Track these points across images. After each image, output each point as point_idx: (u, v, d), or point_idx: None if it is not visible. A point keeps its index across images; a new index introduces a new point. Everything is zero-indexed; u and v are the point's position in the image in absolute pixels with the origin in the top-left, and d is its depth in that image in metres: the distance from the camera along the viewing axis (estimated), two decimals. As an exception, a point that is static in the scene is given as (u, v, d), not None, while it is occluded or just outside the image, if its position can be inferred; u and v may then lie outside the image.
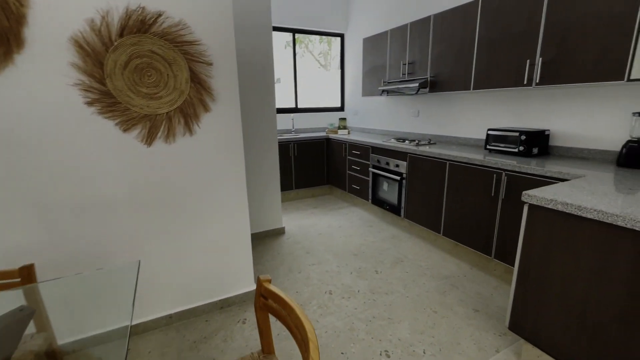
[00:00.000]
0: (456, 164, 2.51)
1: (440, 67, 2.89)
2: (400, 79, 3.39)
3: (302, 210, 4.01)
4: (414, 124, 3.76)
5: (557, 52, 2.03)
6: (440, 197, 2.71)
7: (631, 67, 1.72)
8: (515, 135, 2.38)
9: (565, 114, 2.32)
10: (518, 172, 2.07)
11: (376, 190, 3.57)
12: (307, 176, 4.40)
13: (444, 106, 3.32)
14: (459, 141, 3.18)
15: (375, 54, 3.76)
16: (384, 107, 4.22)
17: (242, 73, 2.74)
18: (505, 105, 2.71)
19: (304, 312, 0.76)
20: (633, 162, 1.90)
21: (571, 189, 1.45)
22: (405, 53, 3.29)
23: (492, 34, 2.41)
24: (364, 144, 3.67)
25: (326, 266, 2.58)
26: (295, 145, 4.19)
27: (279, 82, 5.06)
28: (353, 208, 4.03)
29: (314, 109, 4.89)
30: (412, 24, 3.15)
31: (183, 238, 1.84)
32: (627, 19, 1.71)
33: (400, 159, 3.13)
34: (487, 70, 2.48)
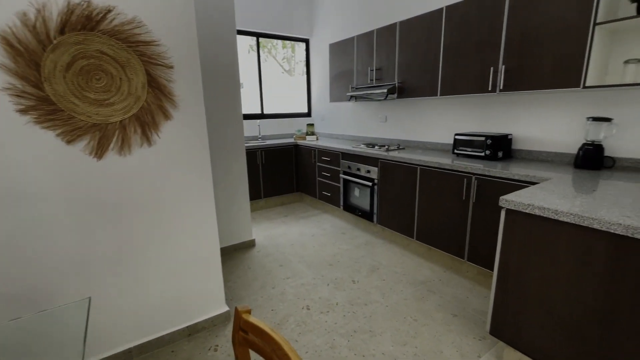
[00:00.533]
0: (427, 169, 2.54)
1: (407, 73, 2.93)
2: (368, 84, 3.40)
3: (272, 219, 3.86)
4: (382, 129, 3.79)
5: (518, 60, 2.12)
6: (412, 202, 2.72)
7: (586, 76, 1.83)
8: (481, 139, 2.45)
9: (526, 119, 2.43)
10: (487, 176, 2.13)
11: (347, 196, 3.54)
12: (275, 184, 4.26)
13: (411, 112, 3.38)
14: (427, 146, 3.24)
15: (342, 59, 3.75)
16: (352, 112, 4.22)
17: (206, 77, 2.56)
18: (471, 110, 2.80)
19: (294, 349, 0.66)
20: (588, 163, 2.02)
21: (543, 193, 1.48)
22: (372, 59, 3.30)
23: (457, 42, 2.47)
24: (333, 150, 3.62)
25: (301, 279, 2.47)
26: (262, 153, 4.04)
27: (242, 87, 4.89)
28: (325, 215, 3.96)
29: (280, 115, 4.77)
30: (378, 31, 3.17)
31: (142, 261, 1.64)
32: (580, 31, 1.82)
33: (372, 165, 3.11)
34: (453, 76, 2.54)
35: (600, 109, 2.04)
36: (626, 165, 1.99)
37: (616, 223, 1.11)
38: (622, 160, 2.00)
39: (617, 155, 2.02)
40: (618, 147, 2.01)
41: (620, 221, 1.11)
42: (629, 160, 1.98)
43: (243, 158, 2.89)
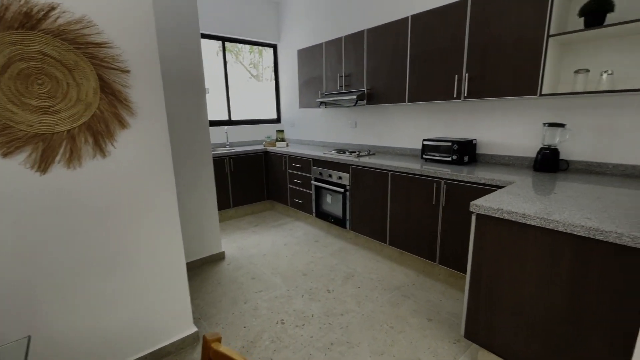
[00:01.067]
0: (398, 174, 2.57)
1: (376, 79, 2.97)
2: (337, 91, 3.40)
3: (243, 229, 3.72)
4: (352, 135, 3.80)
5: (480, 69, 2.21)
6: (384, 207, 2.74)
7: (542, 84, 1.93)
8: (448, 145, 2.53)
9: (489, 124, 2.54)
10: (455, 181, 2.18)
11: (320, 203, 3.50)
12: (245, 192, 4.12)
13: (381, 117, 3.42)
14: (397, 151, 3.30)
15: (311, 65, 3.73)
16: (322, 118, 4.21)
17: (169, 83, 2.42)
18: (438, 116, 2.88)
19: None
20: (546, 167, 2.14)
21: (509, 197, 1.53)
22: (341, 65, 3.31)
23: (423, 50, 2.54)
24: (304, 156, 3.58)
25: (275, 291, 2.38)
26: (231, 160, 3.90)
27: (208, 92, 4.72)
28: (297, 223, 3.89)
29: (249, 121, 4.65)
30: (347, 38, 3.19)
31: (98, 284, 1.48)
32: (535, 42, 1.93)
33: (343, 171, 3.10)
34: (420, 83, 2.61)
35: (556, 115, 2.18)
36: (579, 167, 2.13)
37: (579, 225, 1.16)
38: (575, 163, 2.14)
39: (571, 158, 2.16)
40: (571, 151, 2.15)
41: (582, 223, 1.16)
42: (581, 162, 2.12)
43: (210, 166, 2.76)
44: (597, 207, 1.34)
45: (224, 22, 4.16)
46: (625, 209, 1.30)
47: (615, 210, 1.30)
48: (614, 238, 1.09)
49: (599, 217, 1.22)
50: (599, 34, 1.80)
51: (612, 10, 1.73)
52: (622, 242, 1.07)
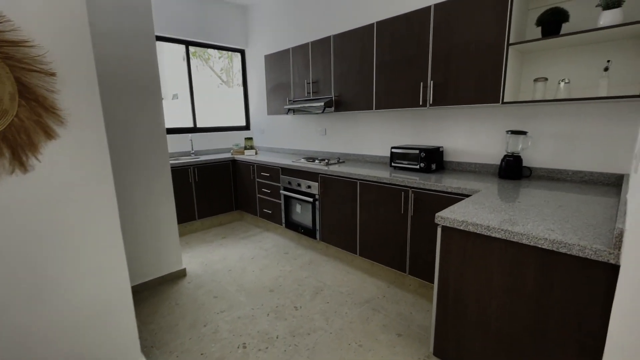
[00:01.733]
0: (366, 183, 2.50)
1: (343, 86, 2.91)
2: (305, 97, 3.32)
3: (209, 242, 3.52)
4: (322, 142, 3.73)
5: (444, 76, 2.20)
6: (354, 217, 2.66)
7: (503, 92, 1.94)
8: (415, 152, 2.50)
9: (455, 132, 2.54)
10: (423, 189, 2.14)
11: (289, 213, 3.37)
12: (212, 203, 3.92)
13: (350, 125, 3.37)
14: (366, 159, 3.25)
15: (278, 71, 3.63)
16: (291, 125, 4.10)
17: (119, 87, 2.23)
18: (406, 123, 2.86)
19: None
20: (510, 174, 2.15)
21: (475, 207, 1.49)
22: (308, 72, 3.24)
23: (389, 57, 2.51)
24: (273, 165, 3.45)
25: (238, 311, 2.22)
26: (195, 170, 3.69)
27: (177, 98, 4.51)
28: (266, 234, 3.73)
29: (216, 129, 4.46)
30: (313, 43, 3.12)
31: (21, 319, 1.27)
32: (497, 50, 1.94)
33: (312, 180, 3.00)
34: (386, 90, 2.57)
35: (518, 123, 2.20)
36: (541, 174, 2.16)
37: (542, 238, 1.12)
38: (538, 170, 2.17)
39: (533, 165, 2.18)
40: (534, 158, 2.18)
41: (546, 235, 1.12)
42: (543, 169, 2.14)
43: (168, 177, 2.57)
44: (560, 217, 1.31)
45: (188, 26, 3.98)
46: (586, 218, 1.29)
47: (577, 220, 1.28)
48: (577, 251, 1.05)
49: (562, 228, 1.19)
50: (555, 43, 1.83)
51: (566, 20, 1.76)
52: (585, 255, 1.04)
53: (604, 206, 1.47)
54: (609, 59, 1.77)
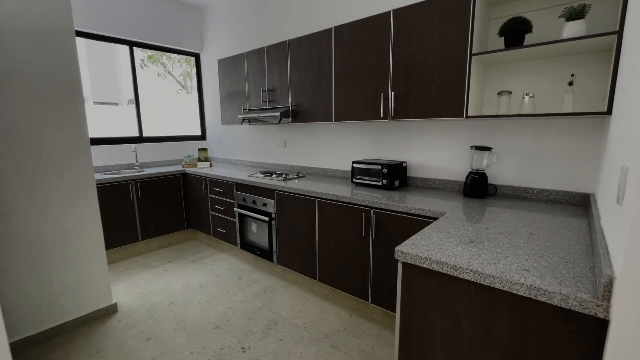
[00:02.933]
0: (325, 202, 2.27)
1: (301, 95, 2.68)
2: (261, 106, 3.05)
3: (153, 268, 3.10)
4: (281, 154, 3.46)
5: (405, 87, 2.04)
6: (312, 239, 2.41)
7: (467, 106, 1.80)
8: (377, 168, 2.31)
9: (419, 146, 2.39)
10: (385, 210, 1.94)
11: (244, 233, 3.06)
12: (159, 222, 3.50)
13: (310, 136, 3.14)
14: (328, 173, 3.02)
15: (233, 78, 3.34)
16: (250, 136, 3.81)
17: (20, 91, 1.84)
18: (369, 136, 2.68)
19: None
20: (475, 192, 2.01)
21: (440, 237, 1.30)
22: (264, 79, 2.98)
23: (348, 65, 2.32)
24: (225, 179, 3.13)
25: (174, 356, 1.87)
26: (137, 185, 3.27)
27: (132, 103, 4.05)
28: (220, 255, 3.38)
29: (165, 138, 4.05)
30: (269, 48, 2.88)
31: None
32: (459, 61, 1.80)
33: (268, 197, 2.72)
34: (346, 101, 2.37)
35: (482, 138, 2.08)
36: (506, 192, 2.04)
37: (518, 282, 0.93)
38: (503, 188, 2.05)
39: (499, 182, 2.07)
40: (499, 175, 2.06)
41: (522, 279, 0.93)
42: (508, 187, 2.03)
43: (92, 195, 2.18)
44: (533, 250, 1.15)
45: (133, 25, 3.59)
46: (562, 252, 1.13)
47: (553, 254, 1.11)
48: (558, 300, 0.87)
49: (537, 266, 1.01)
50: (519, 55, 1.73)
51: (530, 31, 1.65)
52: (569, 306, 0.86)
53: (575, 233, 1.33)
54: (573, 73, 1.69)
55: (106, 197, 3.06)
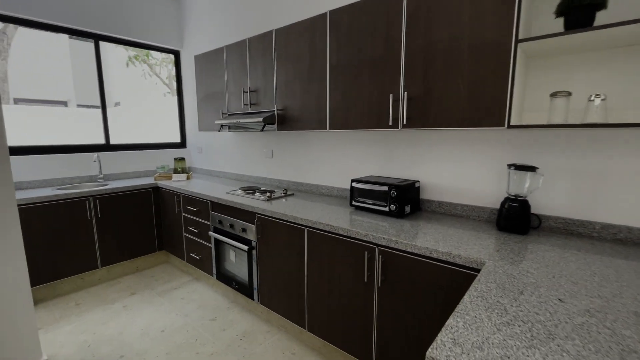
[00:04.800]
0: (317, 233, 1.77)
1: (289, 97, 2.19)
2: (242, 110, 2.56)
3: (110, 302, 2.57)
4: (268, 166, 2.96)
5: (423, 86, 1.55)
6: (301, 278, 1.91)
7: (510, 111, 1.31)
8: (383, 190, 1.81)
9: (436, 161, 1.90)
10: (395, 250, 1.44)
11: (221, 261, 2.54)
12: (123, 244, 2.98)
13: (301, 146, 2.65)
14: (322, 191, 2.52)
15: (211, 77, 2.85)
16: (233, 144, 3.31)
17: None
18: (373, 148, 2.19)
19: None
20: (514, 225, 1.51)
21: (494, 321, 0.79)
22: (246, 77, 2.49)
23: (347, 58, 1.84)
24: (200, 197, 2.62)
25: None
26: (96, 201, 2.76)
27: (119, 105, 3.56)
28: (195, 285, 2.85)
29: (138, 146, 3.55)
30: (252, 40, 2.39)
31: None
32: (499, 51, 1.32)
33: (247, 221, 2.22)
34: (344, 104, 1.88)
35: (524, 154, 1.59)
36: (554, 225, 1.55)
37: None
38: (549, 219, 1.56)
39: (543, 212, 1.57)
40: (544, 203, 1.57)
41: None
42: (557, 219, 1.53)
43: (14, 216, 1.66)
44: None
45: (100, 15, 3.10)
46: None
47: None
48: None
49: None
50: (584, 42, 1.24)
51: (604, 6, 1.17)
52: None
53: None
54: (664, 67, 1.21)
55: (56, 216, 2.55)
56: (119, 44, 3.37)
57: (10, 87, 5.81)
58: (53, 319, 2.35)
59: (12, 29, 5.66)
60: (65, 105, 8.61)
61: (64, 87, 8.63)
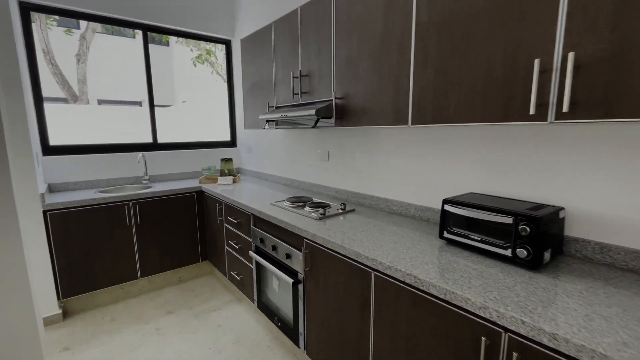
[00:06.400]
0: (391, 282, 1.15)
1: (351, 81, 1.60)
2: (291, 101, 2.04)
3: (145, 321, 2.29)
4: (323, 171, 2.41)
5: (616, 39, 0.83)
6: (363, 337, 1.31)
7: None
8: (506, 222, 1.11)
9: (591, 175, 1.13)
10: (542, 347, 0.76)
11: (263, 287, 2.07)
12: (165, 253, 2.71)
13: (366, 147, 2.03)
14: (392, 208, 1.88)
15: (258, 62, 2.39)
16: (282, 142, 2.83)
17: None
18: (475, 150, 1.48)
19: None
20: None
21: None
22: (296, 59, 1.96)
23: (446, 8, 1.17)
24: (241, 207, 2.18)
25: None
26: (136, 206, 2.51)
27: (185, 103, 3.42)
28: (235, 309, 2.44)
29: (187, 145, 3.29)
30: (305, 8, 1.85)
31: None
32: None
33: (293, 245, 1.70)
34: (439, 85, 1.22)
35: None
36: None
37: None
38: None
39: None
40: None
41: None
42: None
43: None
44: None
45: (148, 5, 2.87)
46: None
47: None
48: None
49: None
50: None
51: None
52: None
53: None
54: None
55: (94, 222, 2.34)
56: (168, 34, 3.13)
57: (88, 88, 6.23)
58: (84, 337, 2.12)
59: (90, 34, 6.02)
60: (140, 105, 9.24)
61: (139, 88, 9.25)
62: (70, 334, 2.15)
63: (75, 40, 6.03)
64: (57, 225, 2.21)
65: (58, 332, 2.17)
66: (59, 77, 5.94)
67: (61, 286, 2.28)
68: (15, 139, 1.94)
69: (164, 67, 10.18)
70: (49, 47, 5.75)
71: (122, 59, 7.95)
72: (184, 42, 7.48)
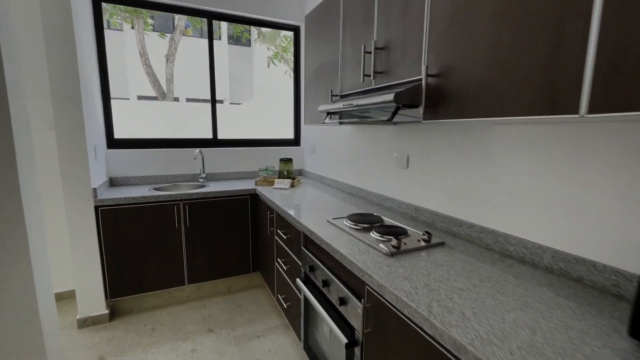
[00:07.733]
0: None
1: (458, 43, 1.00)
2: (361, 87, 1.52)
3: (183, 337, 2.05)
4: (400, 181, 1.83)
5: None
6: None
7: None
8: None
9: None
10: None
11: (311, 327, 1.61)
12: (214, 260, 2.47)
13: (466, 150, 1.40)
14: (509, 248, 1.22)
15: (322, 40, 1.93)
16: (349, 142, 2.33)
17: None
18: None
19: None
20: None
21: None
22: (371, 27, 1.43)
23: None
24: (291, 221, 1.75)
25: None
26: (185, 207, 2.30)
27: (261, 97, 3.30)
28: (280, 340, 2.04)
29: (246, 142, 3.03)
30: (387, -46, 1.31)
31: None
32: None
33: (350, 289, 1.19)
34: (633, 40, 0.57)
35: None
36: None
37: None
38: None
39: None
40: None
41: None
42: None
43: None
44: None
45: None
46: None
47: None
48: None
49: None
50: None
51: None
52: None
53: None
54: None
55: (143, 221, 2.19)
56: (233, 21, 2.90)
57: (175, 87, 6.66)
58: (121, 346, 1.95)
59: (178, 35, 6.40)
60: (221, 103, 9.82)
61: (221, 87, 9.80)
62: (109, 340, 2.01)
63: (166, 42, 6.49)
64: (108, 222, 2.10)
65: (100, 335, 2.05)
66: (151, 77, 6.47)
67: (109, 286, 2.17)
68: (69, 133, 1.84)
69: (244, 67, 10.62)
70: (144, 49, 6.28)
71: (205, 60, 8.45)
72: (262, 40, 7.53)
